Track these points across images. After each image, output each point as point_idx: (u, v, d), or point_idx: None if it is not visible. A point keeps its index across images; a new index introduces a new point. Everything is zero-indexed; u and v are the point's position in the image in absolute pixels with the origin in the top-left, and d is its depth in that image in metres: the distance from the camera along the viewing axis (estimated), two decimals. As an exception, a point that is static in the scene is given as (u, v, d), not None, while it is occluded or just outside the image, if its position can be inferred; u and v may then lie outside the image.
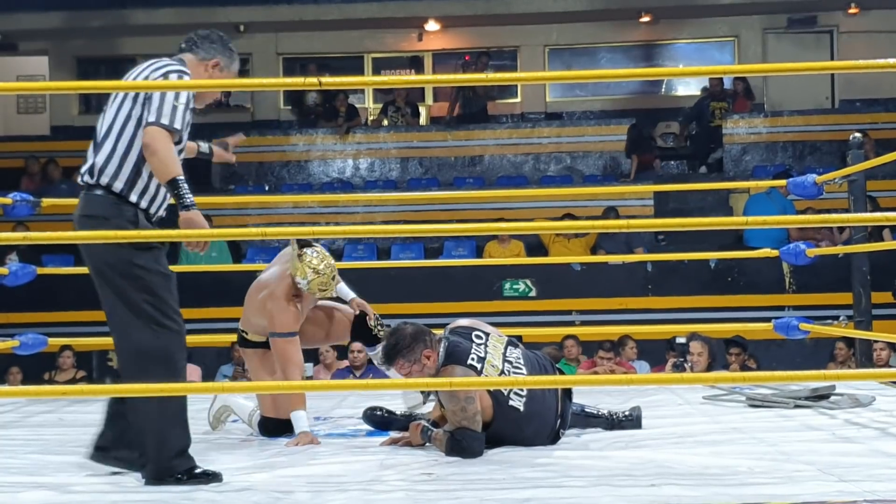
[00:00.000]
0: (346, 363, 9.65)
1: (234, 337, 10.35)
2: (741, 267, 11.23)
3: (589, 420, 4.75)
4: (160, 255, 3.90)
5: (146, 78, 3.87)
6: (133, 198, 3.82)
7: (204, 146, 4.52)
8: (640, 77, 14.95)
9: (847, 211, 6.56)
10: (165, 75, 3.83)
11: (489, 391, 4.31)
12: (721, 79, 15.04)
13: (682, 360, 7.35)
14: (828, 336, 8.42)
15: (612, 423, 4.74)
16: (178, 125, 3.74)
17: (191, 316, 12.53)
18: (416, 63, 16.25)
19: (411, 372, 4.37)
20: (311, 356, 10.29)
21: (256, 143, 14.92)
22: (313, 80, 3.69)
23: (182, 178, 3.71)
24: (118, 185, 3.81)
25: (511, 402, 4.34)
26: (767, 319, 6.81)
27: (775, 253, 6.67)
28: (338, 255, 12.67)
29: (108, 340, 3.81)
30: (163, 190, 3.85)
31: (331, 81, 3.90)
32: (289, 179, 14.69)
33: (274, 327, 4.76)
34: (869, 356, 6.95)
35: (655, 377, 5.80)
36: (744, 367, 8.45)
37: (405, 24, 16.05)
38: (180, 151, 3.84)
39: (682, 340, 7.29)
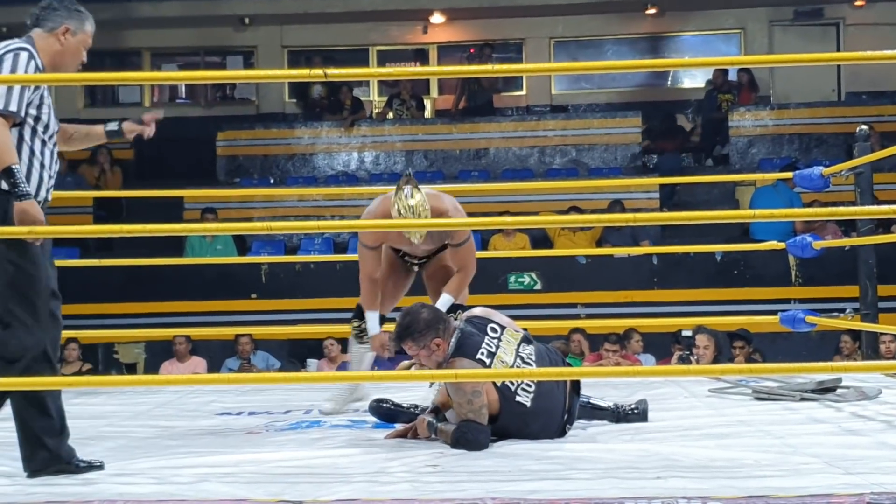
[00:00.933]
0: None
1: (238, 329, 10.37)
2: (747, 260, 11.22)
3: (595, 412, 4.74)
4: (30, 248, 3.75)
5: None
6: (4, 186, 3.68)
7: (112, 125, 4.37)
8: (645, 68, 14.94)
9: (853, 204, 6.54)
10: (3, 55, 3.73)
11: (496, 386, 4.30)
12: (726, 71, 15.02)
13: (687, 353, 7.33)
14: (834, 329, 8.42)
15: (618, 415, 4.73)
16: (13, 107, 3.64)
17: (195, 309, 12.65)
18: (421, 56, 16.24)
19: (418, 355, 4.38)
20: (316, 352, 10.30)
21: (261, 136, 14.92)
22: (319, 71, 3.68)
23: (17, 166, 3.61)
24: None
25: (518, 398, 4.33)
26: (773, 312, 6.80)
27: (781, 245, 6.67)
28: (342, 248, 12.67)
29: (114, 333, 3.82)
30: (44, 174, 3.79)
31: (336, 73, 3.89)
32: (294, 172, 14.68)
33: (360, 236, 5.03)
34: (875, 349, 6.94)
35: (661, 369, 5.79)
36: (749, 361, 8.43)
37: (410, 17, 16.03)
38: (48, 134, 3.78)
39: (687, 333, 7.28)
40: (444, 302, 4.87)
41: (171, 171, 14.38)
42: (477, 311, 4.63)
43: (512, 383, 4.33)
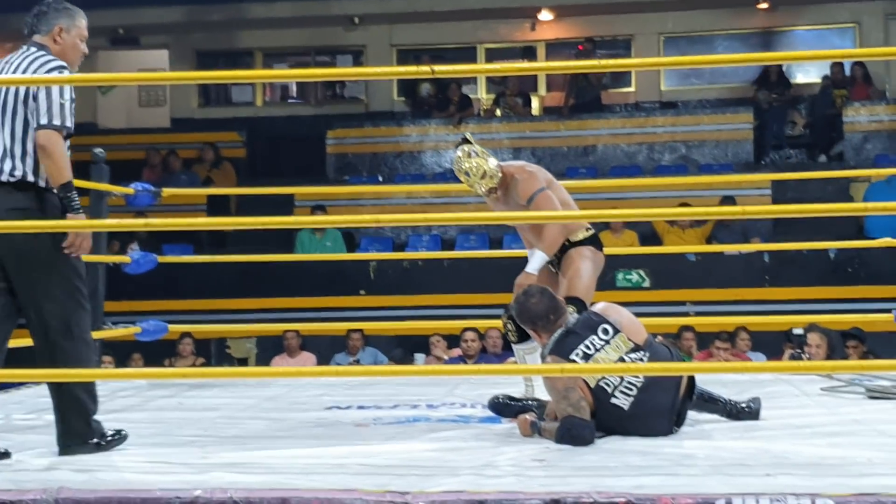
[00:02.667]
0: (458, 352, 9.70)
1: (348, 325, 10.48)
2: (861, 257, 10.98)
3: (707, 404, 4.66)
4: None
5: (33, 72, 3.97)
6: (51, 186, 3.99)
7: None
8: (754, 62, 14.65)
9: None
10: (50, 72, 3.96)
11: (590, 387, 4.27)
12: (842, 65, 14.69)
13: (799, 351, 7.20)
14: (952, 328, 8.19)
15: (730, 411, 4.67)
16: (68, 123, 3.92)
17: (305, 304, 12.82)
18: (529, 53, 16.22)
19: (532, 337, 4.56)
20: (423, 348, 10.38)
21: (370, 135, 15.06)
22: (426, 68, 3.72)
23: (71, 182, 3.91)
24: (42, 182, 3.97)
25: (614, 400, 4.29)
26: (888, 311, 6.66)
27: (897, 242, 6.52)
28: (450, 244, 12.73)
29: (227, 328, 3.90)
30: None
31: (443, 70, 3.93)
32: (402, 170, 14.80)
33: None
34: None
35: (770, 365, 5.71)
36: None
37: (518, 14, 16.02)
38: (69, 147, 4.01)
39: (799, 332, 7.16)
40: (537, 259, 5.00)
41: (282, 170, 14.61)
42: (599, 307, 4.56)
43: (608, 385, 4.29)
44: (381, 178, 14.43)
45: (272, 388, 6.08)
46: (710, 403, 4.68)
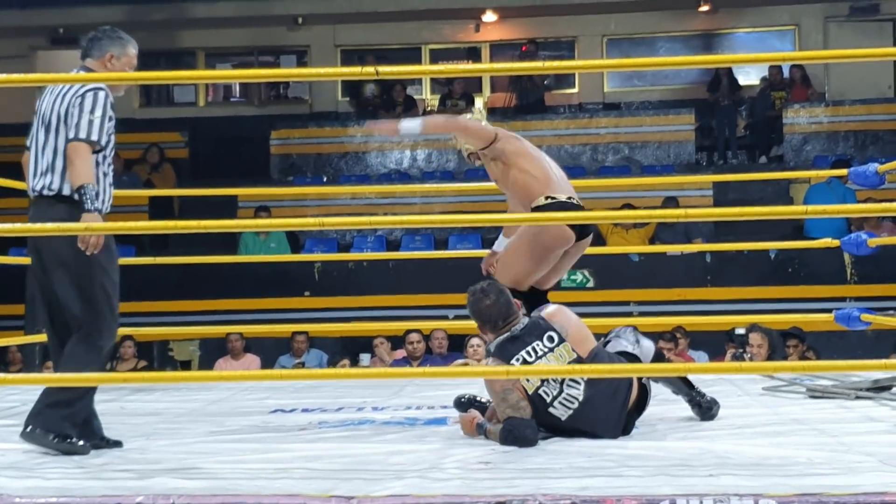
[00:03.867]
0: (402, 353, 9.69)
1: (293, 327, 10.42)
2: (802, 257, 11.12)
3: (680, 386, 4.69)
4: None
5: (68, 101, 4.21)
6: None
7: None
8: (697, 65, 14.77)
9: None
10: (83, 95, 4.19)
11: (528, 394, 4.27)
12: (780, 68, 14.88)
13: (741, 351, 7.28)
14: (890, 328, 8.32)
15: (693, 399, 4.68)
16: (95, 136, 4.15)
17: (249, 306, 12.71)
18: (473, 54, 16.25)
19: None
20: (367, 347, 10.35)
21: (315, 135, 15.00)
22: (370, 69, 3.71)
23: (90, 185, 4.08)
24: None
25: (552, 410, 4.28)
26: (828, 310, 6.74)
27: (836, 243, 6.60)
28: (395, 245, 12.72)
29: (169, 331, 3.89)
30: (109, 192, 4.30)
31: (388, 71, 3.92)
32: (346, 171, 14.76)
33: None
34: (932, 348, 6.86)
35: (714, 366, 5.77)
36: (803, 359, 8.36)
37: (462, 15, 16.05)
38: (105, 157, 4.26)
39: (741, 331, 7.24)
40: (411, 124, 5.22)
41: (225, 171, 14.51)
42: (549, 311, 4.46)
43: (547, 394, 4.28)
44: (325, 179, 14.38)
45: (216, 391, 6.03)
46: (684, 386, 4.68)
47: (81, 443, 4.11)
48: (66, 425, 4.10)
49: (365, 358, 10.43)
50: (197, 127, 15.66)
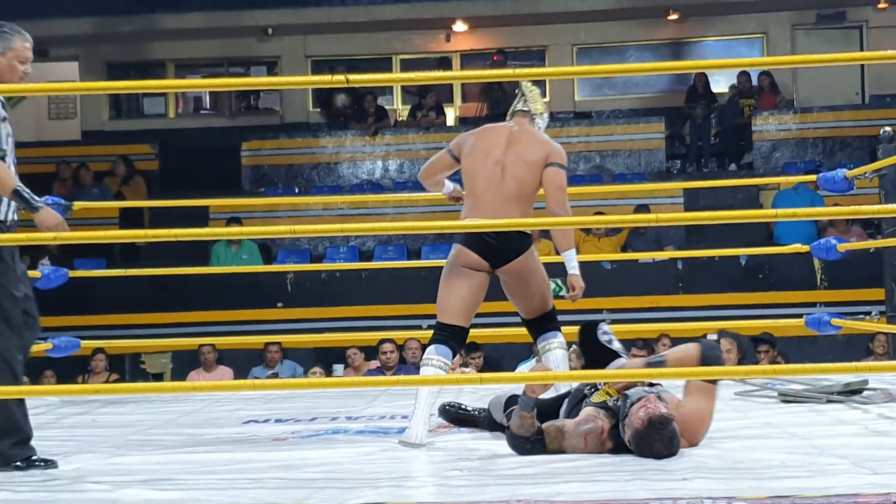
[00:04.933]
0: (376, 363, 9.67)
1: (266, 338, 10.39)
2: (772, 263, 11.18)
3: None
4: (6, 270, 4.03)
5: None
6: None
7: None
8: (667, 71, 14.86)
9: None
10: None
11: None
12: (749, 75, 14.99)
13: (713, 356, 7.28)
14: (860, 332, 8.38)
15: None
16: (3, 145, 4.00)
17: (221, 318, 12.65)
18: (444, 64, 16.27)
19: None
20: (340, 358, 10.33)
21: (286, 146, 14.98)
22: (340, 77, 3.72)
23: (21, 186, 3.95)
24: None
25: None
26: (799, 316, 6.78)
27: (806, 249, 6.65)
28: (368, 256, 12.70)
29: (141, 343, 3.87)
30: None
31: (357, 79, 3.92)
32: (318, 181, 14.74)
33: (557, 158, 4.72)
34: (902, 351, 6.91)
35: (686, 371, 5.77)
36: (773, 364, 8.40)
37: (433, 25, 16.08)
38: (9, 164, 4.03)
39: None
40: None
41: (196, 182, 14.45)
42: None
43: None
44: (297, 190, 14.36)
45: (188, 403, 6.00)
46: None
47: (45, 459, 3.99)
48: (17, 451, 3.95)
49: (338, 368, 10.40)
50: (167, 139, 15.61)
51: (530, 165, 4.70)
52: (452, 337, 4.62)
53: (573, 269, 4.92)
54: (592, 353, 4.53)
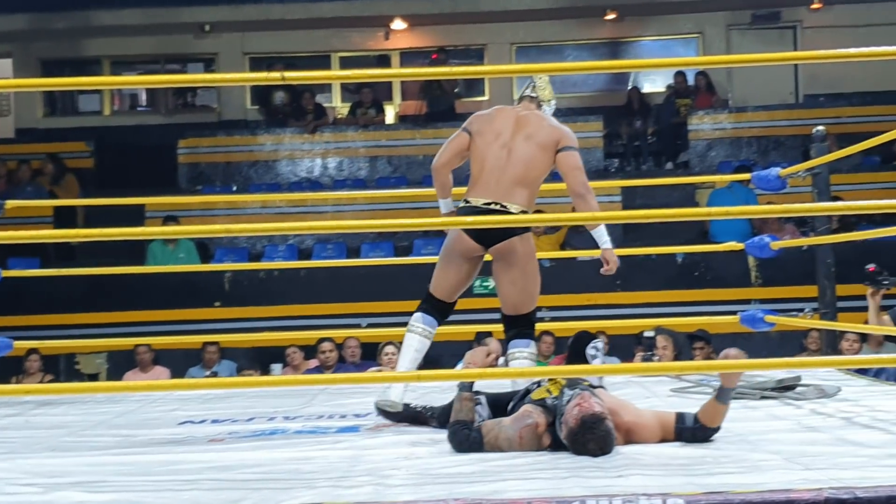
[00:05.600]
0: (315, 362, 9.64)
1: (203, 338, 10.28)
2: (707, 261, 11.30)
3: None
4: None
5: None
6: None
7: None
8: (605, 69, 14.98)
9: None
10: None
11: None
12: (685, 75, 15.14)
13: (650, 353, 7.36)
14: (794, 328, 8.49)
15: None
16: None
17: (158, 318, 12.52)
18: (383, 62, 16.25)
19: None
20: (279, 357, 10.28)
21: (223, 144, 14.88)
22: (276, 74, 3.69)
23: None
24: None
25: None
26: (734, 313, 6.87)
27: (740, 246, 6.74)
28: (307, 254, 12.65)
29: (76, 343, 3.81)
30: None
31: (294, 76, 3.90)
32: (256, 179, 14.65)
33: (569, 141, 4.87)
34: (835, 347, 7.02)
35: (622, 367, 5.85)
36: (709, 361, 8.48)
37: (372, 23, 16.04)
38: None
39: (649, 334, 7.33)
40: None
41: (132, 180, 14.29)
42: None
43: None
44: (234, 188, 14.26)
45: (123, 403, 5.93)
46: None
47: None
48: None
49: (276, 368, 10.35)
50: (103, 136, 15.42)
51: (540, 148, 4.86)
52: (437, 308, 4.91)
53: (605, 243, 5.10)
54: (574, 360, 4.60)
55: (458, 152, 4.98)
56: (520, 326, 4.91)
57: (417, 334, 4.86)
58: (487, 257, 4.96)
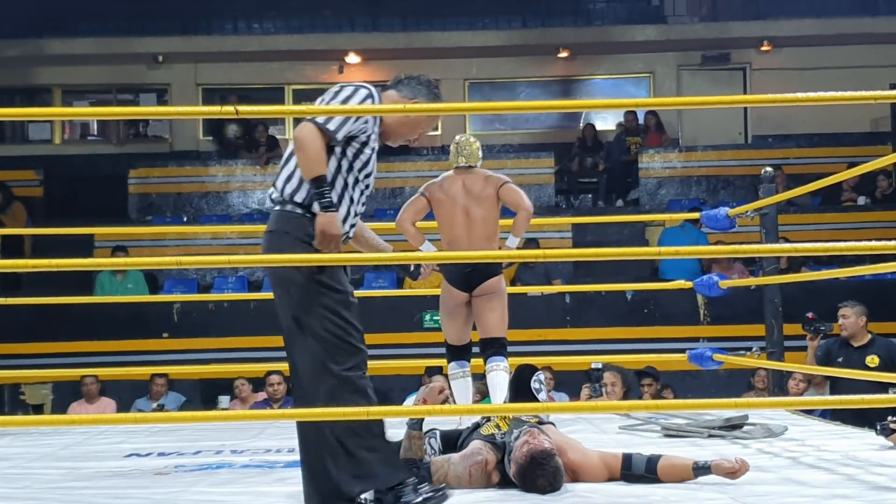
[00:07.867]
0: (263, 395, 9.57)
1: (153, 369, 10.21)
2: (657, 299, 11.37)
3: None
4: (338, 272, 3.88)
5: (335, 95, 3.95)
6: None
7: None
8: (557, 109, 15.11)
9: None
10: (341, 88, 3.97)
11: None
12: (636, 114, 15.29)
13: (597, 385, 7.37)
14: (741, 367, 8.57)
15: None
16: (331, 126, 3.80)
17: (105, 348, 12.41)
18: (336, 95, 16.27)
19: None
20: (227, 389, 10.20)
21: (174, 174, 14.80)
22: (230, 108, 3.69)
23: (326, 176, 3.73)
24: (300, 197, 3.87)
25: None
26: (682, 350, 6.91)
27: (689, 285, 6.79)
28: (257, 286, 12.59)
29: (21, 374, 3.74)
30: (351, 209, 3.91)
31: (247, 110, 3.90)
32: (207, 210, 14.58)
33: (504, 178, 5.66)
34: (781, 386, 7.09)
35: (571, 405, 5.87)
36: (657, 398, 8.53)
37: (326, 57, 16.07)
38: (364, 173, 4.02)
39: (597, 366, 7.35)
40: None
41: (82, 210, 14.16)
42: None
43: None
44: (185, 219, 14.18)
45: (69, 435, 5.87)
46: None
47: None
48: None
49: (224, 400, 10.27)
50: (52, 165, 15.29)
51: (489, 200, 5.61)
52: (460, 352, 5.70)
53: (512, 244, 5.76)
54: (518, 392, 4.68)
55: (418, 211, 5.75)
56: (496, 347, 5.59)
57: (461, 378, 5.62)
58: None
